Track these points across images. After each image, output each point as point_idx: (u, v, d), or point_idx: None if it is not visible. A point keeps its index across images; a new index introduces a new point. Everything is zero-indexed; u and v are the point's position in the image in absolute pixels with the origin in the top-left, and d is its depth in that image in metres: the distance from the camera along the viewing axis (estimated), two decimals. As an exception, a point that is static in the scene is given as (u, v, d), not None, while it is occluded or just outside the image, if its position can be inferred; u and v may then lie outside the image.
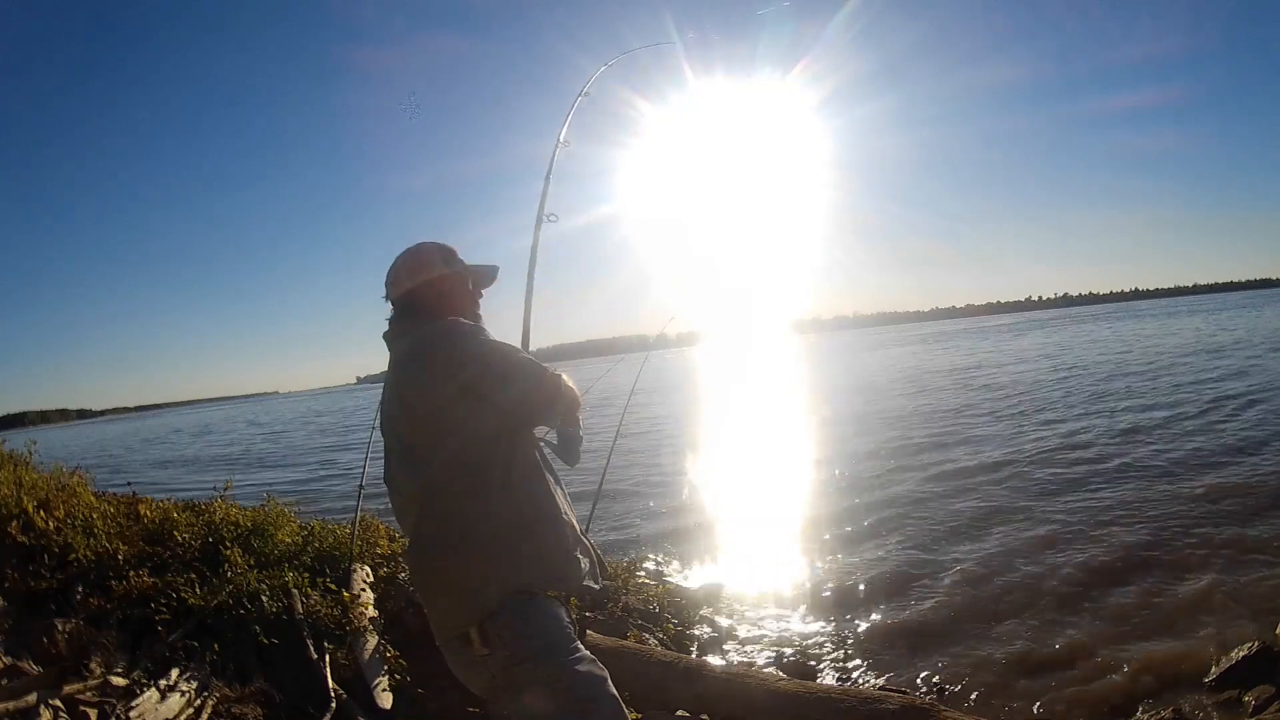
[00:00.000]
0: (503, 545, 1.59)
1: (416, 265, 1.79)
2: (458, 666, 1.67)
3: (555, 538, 1.67)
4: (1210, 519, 5.85)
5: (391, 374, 1.75)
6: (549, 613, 1.60)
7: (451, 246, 1.85)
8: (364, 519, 4.34)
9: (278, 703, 2.93)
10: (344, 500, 8.64)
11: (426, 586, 1.73)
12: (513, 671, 1.56)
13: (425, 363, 1.65)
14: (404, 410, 1.68)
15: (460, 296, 1.82)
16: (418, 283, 1.77)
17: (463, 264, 1.84)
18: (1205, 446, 8.44)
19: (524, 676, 1.56)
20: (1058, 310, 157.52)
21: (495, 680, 1.59)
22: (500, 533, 1.59)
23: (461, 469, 1.61)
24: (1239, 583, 4.61)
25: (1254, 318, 34.72)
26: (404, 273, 1.79)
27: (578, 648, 1.61)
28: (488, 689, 1.63)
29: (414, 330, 1.72)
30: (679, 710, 3.19)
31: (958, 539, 6.13)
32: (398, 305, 1.80)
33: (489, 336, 1.70)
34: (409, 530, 1.71)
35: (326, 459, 18.03)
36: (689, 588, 5.46)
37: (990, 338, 45.78)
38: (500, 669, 1.57)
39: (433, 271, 1.78)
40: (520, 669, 1.55)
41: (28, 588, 3.16)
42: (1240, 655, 3.49)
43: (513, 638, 1.55)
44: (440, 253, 1.82)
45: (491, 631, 1.55)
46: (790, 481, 9.29)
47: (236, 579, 3.34)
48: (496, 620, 1.55)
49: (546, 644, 1.57)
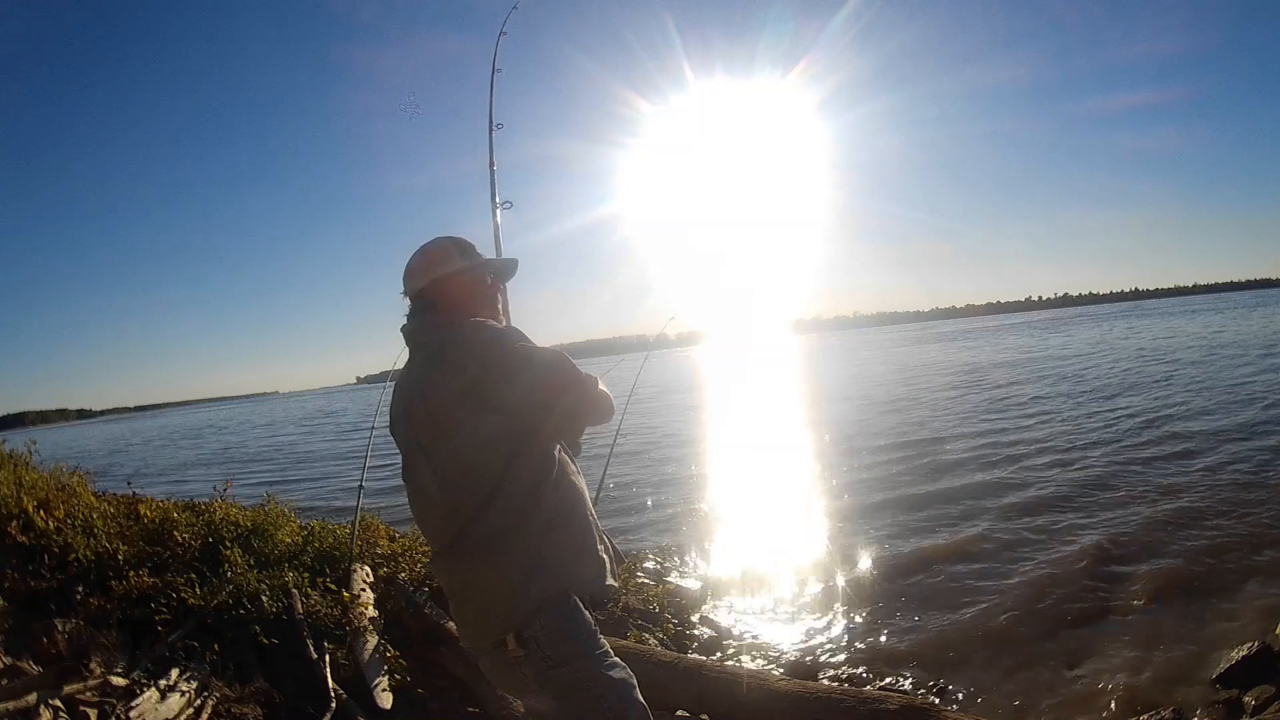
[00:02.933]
0: (535, 548, 1.58)
1: (433, 261, 1.78)
2: (491, 669, 1.68)
3: (585, 538, 1.67)
4: (1211, 520, 5.85)
5: (412, 373, 1.73)
6: (581, 616, 1.61)
7: (469, 241, 1.84)
8: (364, 519, 4.34)
9: (278, 703, 2.93)
10: (344, 500, 8.64)
11: (456, 594, 1.70)
12: (547, 675, 1.57)
13: (449, 364, 1.62)
14: (428, 411, 1.65)
15: (479, 292, 1.80)
16: (434, 278, 1.76)
17: (481, 258, 1.82)
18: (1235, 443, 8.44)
19: (558, 680, 1.57)
20: (1063, 310, 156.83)
21: (528, 682, 1.60)
22: (532, 536, 1.58)
23: (486, 471, 1.58)
24: (1240, 582, 4.61)
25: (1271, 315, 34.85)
26: (420, 269, 1.78)
27: (608, 652, 1.62)
28: (518, 689, 1.65)
29: (437, 330, 1.70)
30: (679, 710, 3.19)
31: (959, 539, 6.12)
32: (416, 301, 1.79)
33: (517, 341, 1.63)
34: (434, 534, 1.70)
35: (327, 459, 18.03)
36: (689, 588, 5.46)
37: (1023, 334, 45.57)
38: (535, 672, 1.58)
39: (449, 267, 1.77)
40: (555, 673, 1.56)
41: (28, 588, 3.16)
42: (1240, 655, 3.48)
43: (548, 642, 1.55)
44: (457, 248, 1.80)
45: (528, 635, 1.55)
46: (790, 482, 9.28)
47: (236, 579, 3.35)
48: (532, 625, 1.55)
49: (580, 648, 1.58)
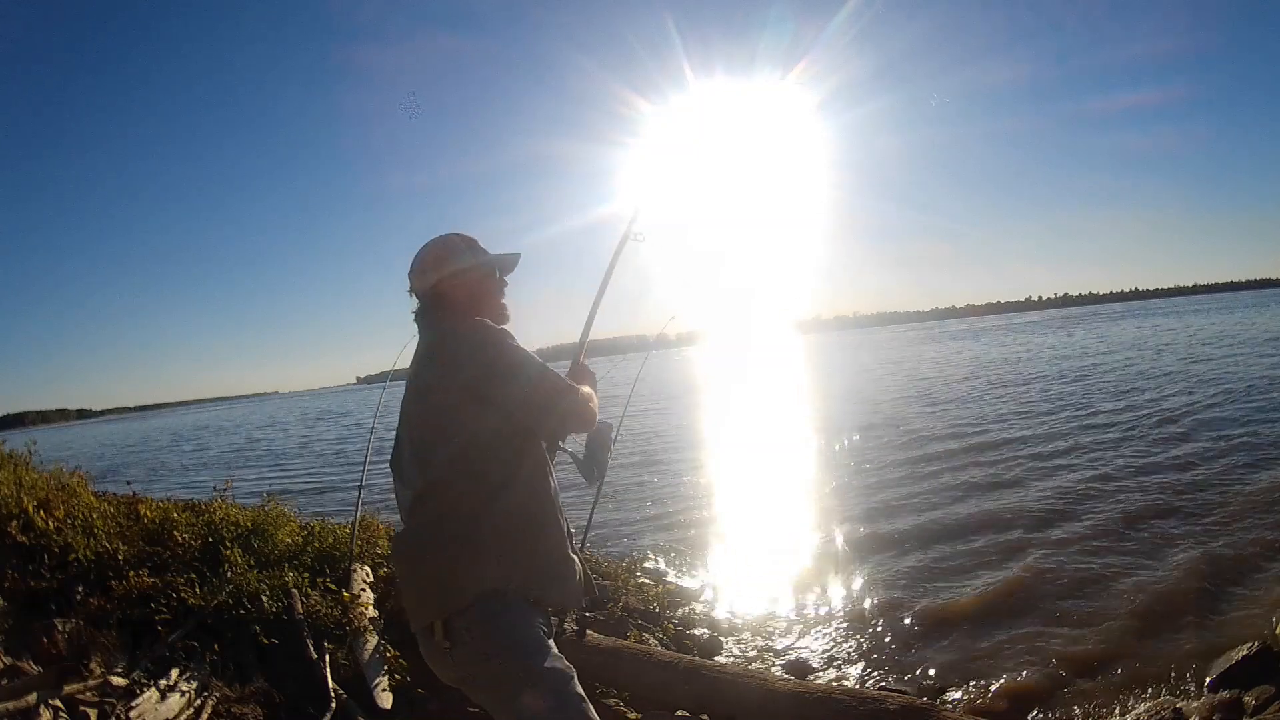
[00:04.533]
0: (486, 546, 1.59)
1: (442, 257, 1.78)
2: (427, 655, 1.69)
3: (546, 546, 1.67)
4: (1211, 519, 5.85)
5: (412, 368, 1.75)
6: (521, 616, 1.59)
7: (473, 236, 1.85)
8: (364, 519, 4.34)
9: (278, 703, 2.93)
10: (344, 500, 8.64)
11: (402, 577, 1.78)
12: (475, 668, 1.58)
13: (441, 360, 1.65)
14: (419, 405, 1.69)
15: (486, 288, 1.81)
16: (443, 275, 1.77)
17: (486, 254, 1.83)
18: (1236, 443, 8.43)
19: (487, 673, 1.57)
20: (1067, 310, 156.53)
21: (460, 672, 1.61)
22: (487, 534, 1.59)
23: (463, 469, 1.61)
24: (1241, 582, 4.60)
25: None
26: (430, 265, 1.78)
27: (547, 648, 1.60)
28: (454, 680, 1.65)
29: (439, 325, 1.72)
30: (679, 710, 3.19)
31: (959, 539, 6.12)
32: (424, 298, 1.79)
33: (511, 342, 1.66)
34: (402, 515, 1.72)
35: (326, 459, 18.03)
36: (689, 588, 5.46)
37: (1028, 333, 45.59)
38: (462, 664, 1.58)
39: (459, 263, 1.78)
40: (484, 666, 1.57)
41: (28, 588, 3.16)
42: (1240, 655, 3.48)
43: (478, 636, 1.56)
44: (465, 244, 1.81)
45: (457, 627, 1.56)
46: (791, 482, 9.28)
47: (236, 579, 3.34)
48: (464, 617, 1.56)
49: (513, 644, 1.57)
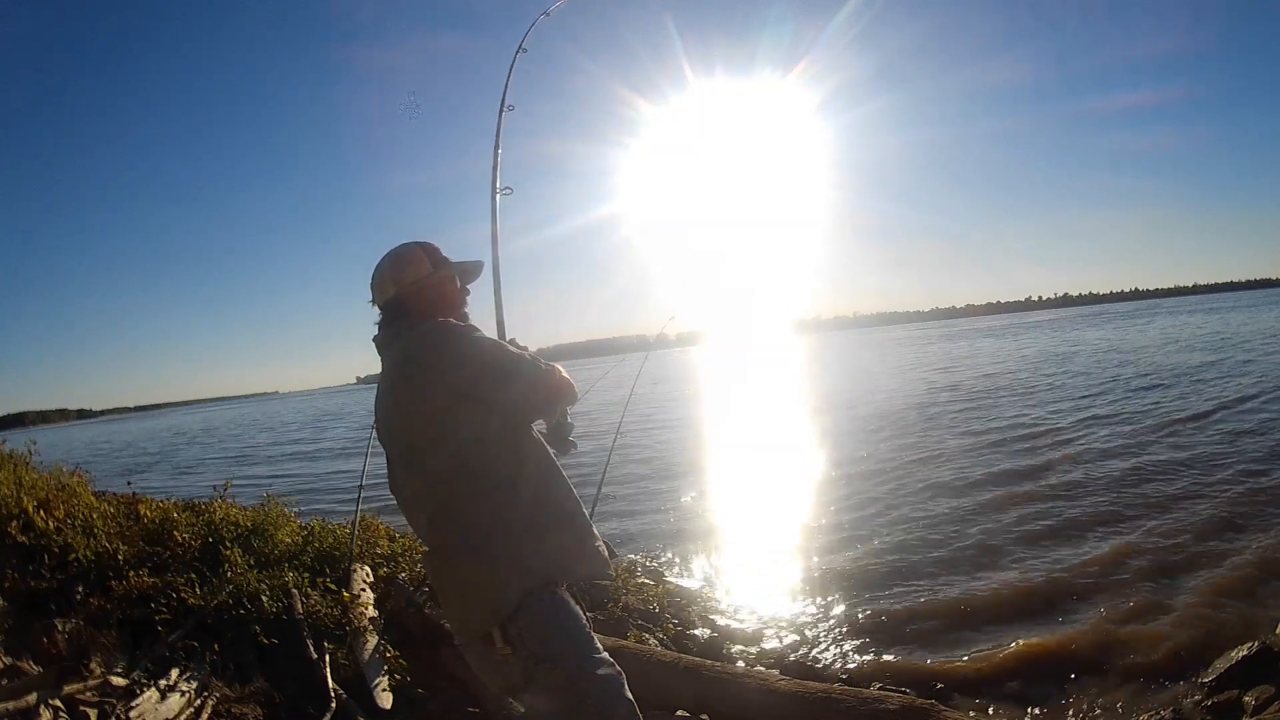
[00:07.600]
0: (516, 543, 1.58)
1: (401, 267, 1.75)
2: (480, 667, 1.68)
3: (572, 531, 1.68)
4: (1211, 519, 5.85)
5: (386, 380, 1.72)
6: (569, 610, 1.61)
7: (434, 244, 1.81)
8: (364, 519, 4.34)
9: (278, 703, 2.93)
10: (344, 500, 8.63)
11: (445, 591, 1.72)
12: (534, 671, 1.57)
13: (420, 368, 1.62)
14: (403, 417, 1.67)
15: (449, 295, 1.78)
16: (405, 285, 1.73)
17: (448, 261, 1.80)
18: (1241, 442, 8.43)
19: (544, 677, 1.56)
20: (1069, 309, 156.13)
21: (515, 680, 1.60)
22: (514, 531, 1.59)
23: (465, 471, 1.60)
24: (1241, 582, 4.60)
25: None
26: (390, 276, 1.75)
27: (598, 649, 1.62)
28: (507, 688, 1.65)
29: (405, 334, 1.68)
30: (679, 710, 3.19)
31: (959, 540, 6.12)
32: (386, 309, 1.75)
33: (481, 335, 1.67)
34: (422, 536, 1.71)
35: (326, 459, 18.02)
36: (689, 588, 5.46)
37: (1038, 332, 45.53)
38: (521, 669, 1.58)
39: (420, 271, 1.75)
40: (541, 669, 1.56)
41: (28, 588, 3.16)
42: (1240, 655, 3.48)
43: (534, 638, 1.55)
44: (425, 253, 1.77)
45: (513, 632, 1.55)
46: (791, 482, 9.28)
47: (236, 579, 3.34)
48: (517, 620, 1.55)
49: (567, 644, 1.58)
